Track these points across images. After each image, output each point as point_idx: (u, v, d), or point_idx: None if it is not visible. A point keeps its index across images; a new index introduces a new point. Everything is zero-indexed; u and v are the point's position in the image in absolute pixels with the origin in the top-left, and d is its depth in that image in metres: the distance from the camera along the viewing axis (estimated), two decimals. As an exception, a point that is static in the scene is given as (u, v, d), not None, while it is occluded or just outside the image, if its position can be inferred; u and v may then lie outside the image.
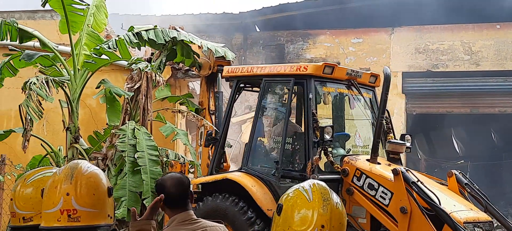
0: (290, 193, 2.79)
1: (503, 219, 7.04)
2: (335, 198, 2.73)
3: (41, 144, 9.61)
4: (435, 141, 17.15)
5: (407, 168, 7.11)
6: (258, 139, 8.27)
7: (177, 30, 9.85)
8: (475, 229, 6.47)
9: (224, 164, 8.68)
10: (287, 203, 2.73)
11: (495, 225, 7.06)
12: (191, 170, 9.39)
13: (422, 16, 14.74)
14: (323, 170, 7.38)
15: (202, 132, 9.48)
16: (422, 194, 6.49)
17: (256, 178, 7.74)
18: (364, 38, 15.57)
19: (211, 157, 8.74)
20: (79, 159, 9.31)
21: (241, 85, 8.45)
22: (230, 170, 8.55)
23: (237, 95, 8.49)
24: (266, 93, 8.11)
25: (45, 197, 3.00)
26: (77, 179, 2.95)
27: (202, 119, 10.60)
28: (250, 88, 8.63)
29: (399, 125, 14.92)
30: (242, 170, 8.03)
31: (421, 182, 6.63)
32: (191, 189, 3.85)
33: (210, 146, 8.71)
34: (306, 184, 2.79)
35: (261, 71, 8.14)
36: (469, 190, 7.16)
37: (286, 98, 7.84)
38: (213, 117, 9.73)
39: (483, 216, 6.79)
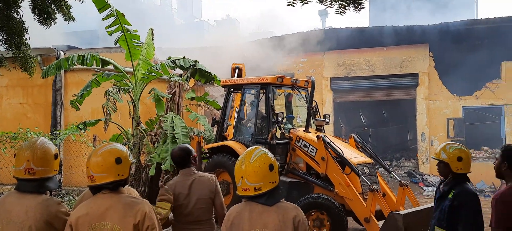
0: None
1: (380, 161, 7.10)
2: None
3: (117, 127, 9.61)
4: (350, 117, 17.20)
5: (325, 134, 7.11)
6: (242, 120, 8.24)
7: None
8: (364, 168, 6.54)
9: (226, 134, 8.58)
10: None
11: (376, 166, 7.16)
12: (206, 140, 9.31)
13: (341, 44, 14.75)
14: (279, 138, 7.35)
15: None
16: (332, 149, 6.57)
17: (241, 144, 7.69)
18: (307, 58, 15.52)
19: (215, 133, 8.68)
20: (140, 136, 9.35)
21: (231, 90, 8.38)
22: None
23: (229, 96, 8.40)
24: (245, 94, 8.05)
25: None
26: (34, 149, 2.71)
27: (214, 109, 10.57)
28: (237, 91, 8.48)
29: (329, 109, 14.96)
30: (233, 139, 8.00)
31: (332, 142, 6.69)
32: (193, 154, 3.62)
33: (214, 125, 8.70)
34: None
35: (241, 81, 8.09)
36: (361, 146, 7.25)
37: (256, 96, 7.79)
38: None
39: (368, 159, 6.86)
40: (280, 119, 7.22)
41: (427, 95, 14.16)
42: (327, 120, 7.73)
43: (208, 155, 8.26)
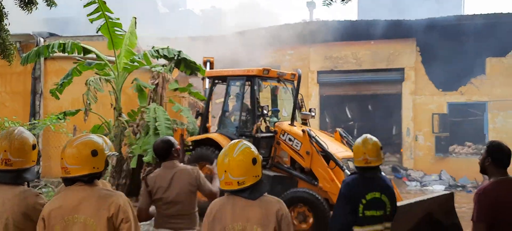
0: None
1: None
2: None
3: (98, 118, 9.52)
4: (337, 112, 17.24)
5: (310, 128, 7.14)
6: (226, 113, 8.21)
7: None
8: (348, 162, 6.59)
9: (208, 125, 8.58)
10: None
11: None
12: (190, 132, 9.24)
13: (328, 37, 14.71)
14: (264, 131, 7.35)
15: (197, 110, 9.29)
16: (317, 143, 6.61)
17: (226, 136, 7.66)
18: (294, 50, 15.49)
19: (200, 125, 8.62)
20: (122, 127, 9.26)
21: (216, 81, 8.31)
22: (211, 131, 8.45)
23: (213, 88, 8.35)
24: (230, 86, 8.00)
25: None
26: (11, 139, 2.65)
27: (197, 101, 10.50)
28: (221, 83, 8.39)
29: (316, 103, 15.00)
30: (217, 132, 7.98)
31: (317, 136, 6.73)
32: (175, 146, 3.59)
33: (197, 117, 8.66)
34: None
35: (226, 73, 8.05)
36: (346, 140, 7.32)
37: (241, 89, 7.76)
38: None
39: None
40: (265, 111, 7.23)
41: (413, 90, 14.33)
42: (313, 114, 7.76)
43: (191, 147, 8.24)
